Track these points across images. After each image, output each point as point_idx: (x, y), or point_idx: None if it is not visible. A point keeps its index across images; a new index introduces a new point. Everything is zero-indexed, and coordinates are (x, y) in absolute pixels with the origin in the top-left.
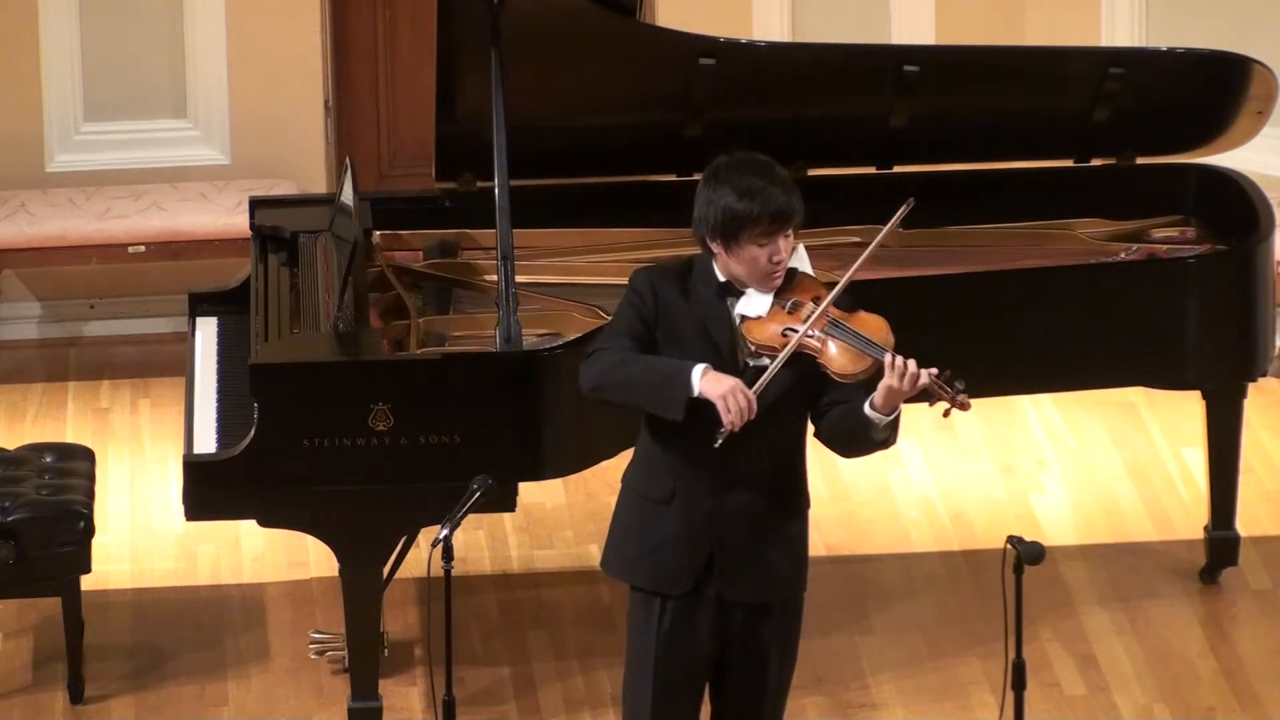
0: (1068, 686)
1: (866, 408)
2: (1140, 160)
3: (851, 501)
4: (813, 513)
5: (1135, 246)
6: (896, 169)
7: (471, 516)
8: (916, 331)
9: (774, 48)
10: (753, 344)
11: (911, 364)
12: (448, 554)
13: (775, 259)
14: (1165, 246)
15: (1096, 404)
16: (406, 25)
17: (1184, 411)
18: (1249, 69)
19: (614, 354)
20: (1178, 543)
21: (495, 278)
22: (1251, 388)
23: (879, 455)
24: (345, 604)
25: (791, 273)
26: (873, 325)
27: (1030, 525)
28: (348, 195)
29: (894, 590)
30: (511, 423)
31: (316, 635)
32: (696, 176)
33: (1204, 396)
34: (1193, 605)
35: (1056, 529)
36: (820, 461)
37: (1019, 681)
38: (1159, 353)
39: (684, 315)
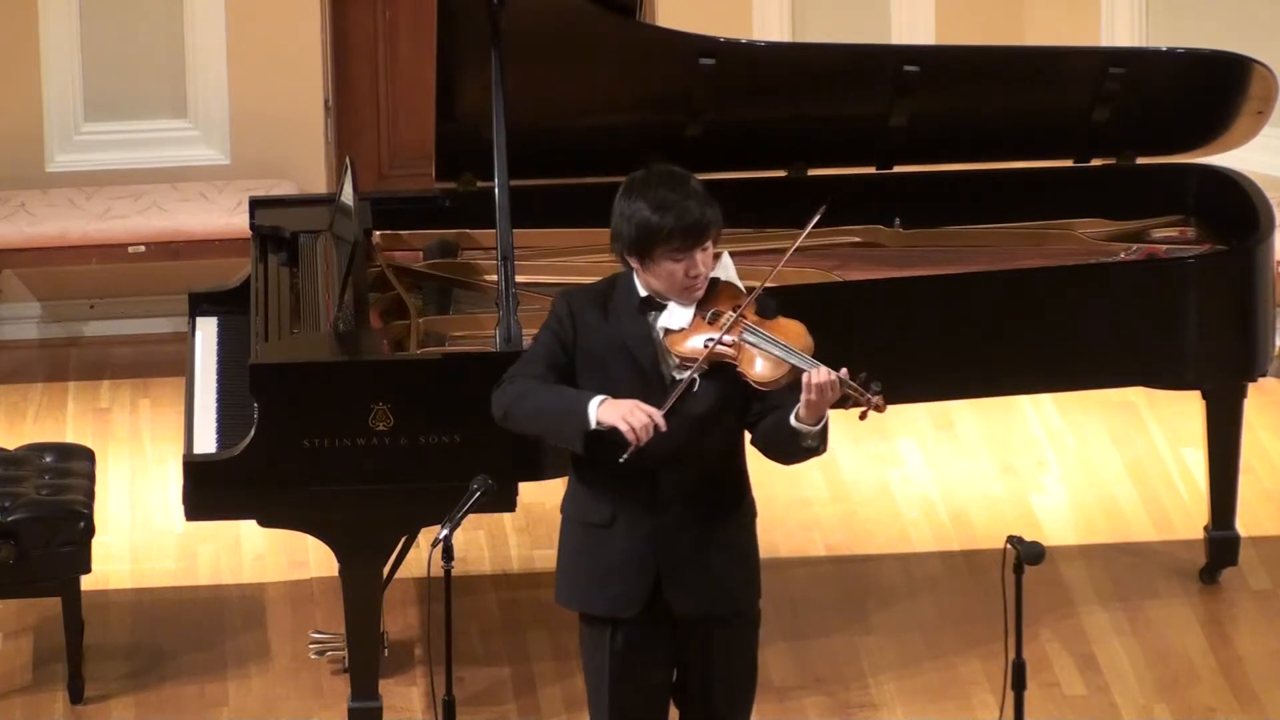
0: (1068, 686)
1: (792, 419)
2: (1140, 160)
3: (851, 501)
4: (813, 512)
5: (1135, 246)
6: (896, 169)
7: (471, 516)
8: (917, 332)
9: (774, 48)
10: (676, 357)
11: (823, 371)
12: (448, 554)
13: (692, 273)
14: (1165, 246)
15: (1096, 404)
16: (406, 25)
17: (1184, 411)
18: (1249, 69)
19: (523, 383)
20: (1178, 543)
21: (495, 278)
22: (1251, 388)
23: (879, 455)
24: (345, 604)
25: (714, 282)
26: (791, 331)
27: (1030, 525)
28: (348, 195)
29: (894, 590)
30: None
31: (316, 635)
32: (697, 176)
33: (1204, 396)
34: (1193, 605)
35: (1056, 529)
36: (820, 461)
37: (1019, 681)
38: (1159, 353)
39: (603, 337)
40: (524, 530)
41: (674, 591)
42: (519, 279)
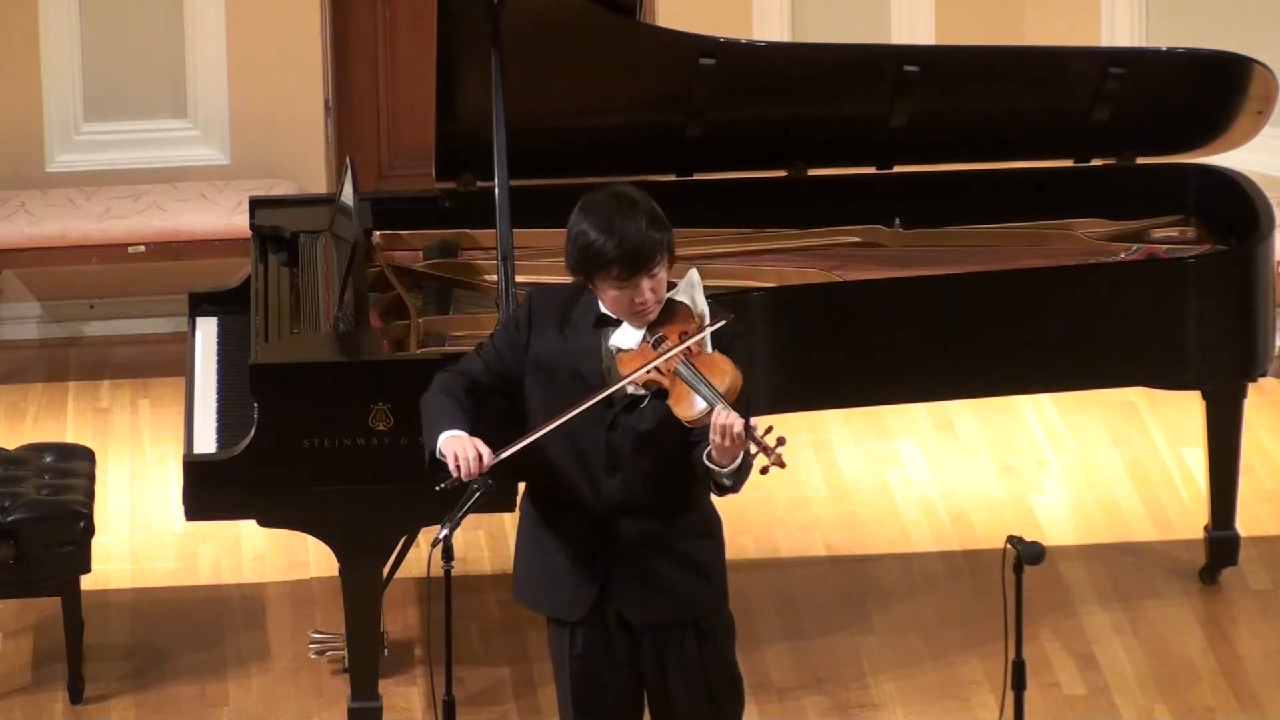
0: (1068, 686)
1: (704, 456)
2: (1140, 160)
3: (851, 501)
4: (813, 512)
5: (1135, 246)
6: (896, 169)
7: (471, 516)
8: (917, 332)
9: (774, 48)
10: (623, 376)
11: (732, 418)
12: (448, 554)
13: (638, 300)
14: (1165, 246)
15: (1096, 404)
16: (406, 25)
17: (1184, 411)
18: (1249, 69)
19: (446, 380)
20: (1178, 543)
21: (495, 278)
22: (1251, 388)
23: (879, 455)
24: (345, 604)
25: (671, 305)
26: (720, 371)
27: (1030, 525)
28: (348, 195)
29: (894, 590)
30: (510, 423)
31: (316, 635)
32: (697, 176)
33: (1204, 396)
34: (1193, 605)
35: (1056, 529)
36: (820, 461)
37: (1019, 681)
38: (1159, 353)
39: (554, 346)
40: None
41: (621, 597)
42: (519, 279)
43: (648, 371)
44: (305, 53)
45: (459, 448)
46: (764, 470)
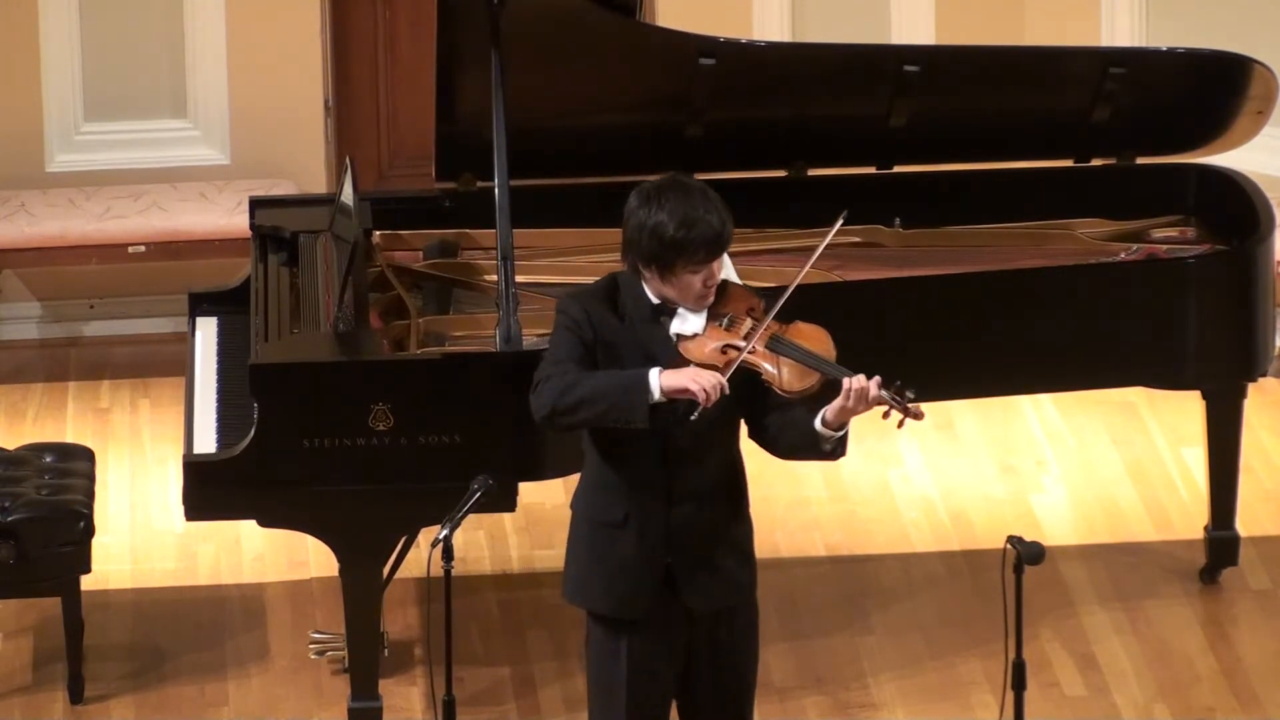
0: (1068, 686)
1: (818, 424)
2: (1140, 160)
3: (851, 501)
4: (813, 512)
5: (1135, 246)
6: (896, 169)
7: (471, 516)
8: (917, 332)
9: (774, 48)
10: (695, 363)
11: (861, 380)
12: (448, 554)
13: (709, 283)
14: (1165, 246)
15: (1096, 404)
16: (406, 25)
17: (1184, 411)
18: (1249, 69)
19: (564, 377)
20: (1178, 543)
21: (495, 278)
22: (1251, 388)
23: (879, 455)
24: (345, 604)
25: (722, 285)
26: (815, 337)
27: (1030, 525)
28: (348, 195)
29: (894, 590)
30: (511, 423)
31: (316, 635)
32: (697, 176)
33: (1204, 396)
34: (1193, 605)
35: (1056, 529)
36: (821, 461)
37: (1019, 681)
38: (1159, 353)
39: (622, 339)
40: (524, 530)
41: (688, 589)
42: (519, 279)
43: (750, 353)
44: (305, 53)
45: (694, 376)
46: (900, 425)
